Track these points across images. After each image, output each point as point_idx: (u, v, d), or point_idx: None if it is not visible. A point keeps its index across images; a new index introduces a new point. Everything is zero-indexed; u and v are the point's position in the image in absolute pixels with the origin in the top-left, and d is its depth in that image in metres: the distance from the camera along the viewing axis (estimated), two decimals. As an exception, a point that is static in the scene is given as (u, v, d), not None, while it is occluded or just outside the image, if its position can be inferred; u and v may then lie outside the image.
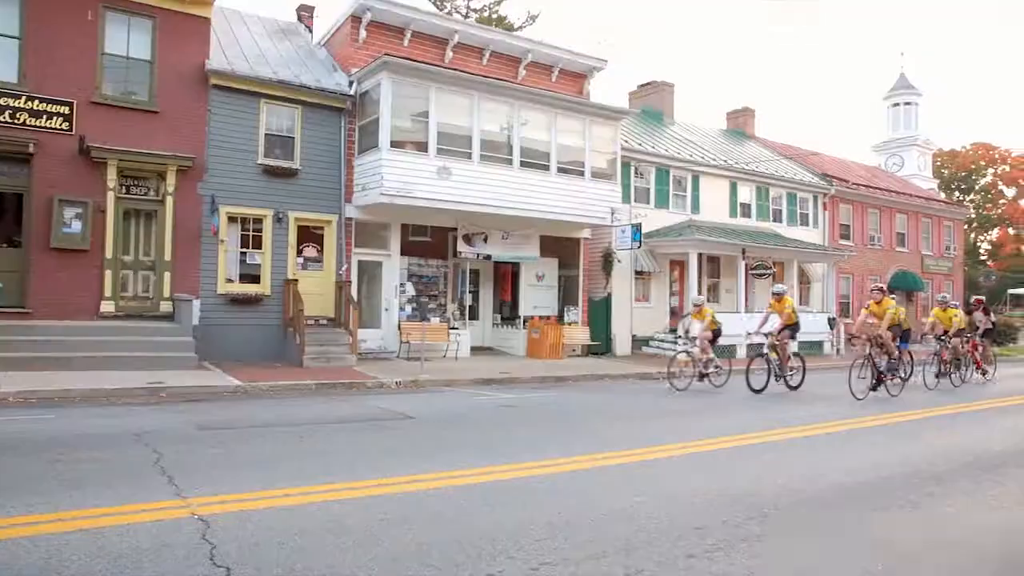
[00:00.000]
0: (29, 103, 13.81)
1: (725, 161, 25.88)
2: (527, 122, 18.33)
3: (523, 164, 18.11)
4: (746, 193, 26.25)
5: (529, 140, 18.35)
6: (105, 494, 5.15)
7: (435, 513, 4.91)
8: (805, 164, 29.86)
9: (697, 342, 13.96)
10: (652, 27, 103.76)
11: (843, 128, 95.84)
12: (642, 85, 30.29)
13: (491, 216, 17.93)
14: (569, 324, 20.43)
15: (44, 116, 13.95)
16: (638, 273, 22.45)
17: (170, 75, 15.22)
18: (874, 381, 12.42)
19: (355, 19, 17.66)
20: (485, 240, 18.79)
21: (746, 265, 23.38)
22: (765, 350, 13.46)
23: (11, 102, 13.67)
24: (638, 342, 22.31)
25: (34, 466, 5.97)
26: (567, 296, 21.09)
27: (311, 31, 20.80)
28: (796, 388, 13.41)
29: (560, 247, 20.79)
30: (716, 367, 13.75)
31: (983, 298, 17.87)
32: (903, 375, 13.37)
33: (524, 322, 19.81)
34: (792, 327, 13.66)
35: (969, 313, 17.37)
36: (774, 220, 27.00)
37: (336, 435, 7.81)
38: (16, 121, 13.69)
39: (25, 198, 13.99)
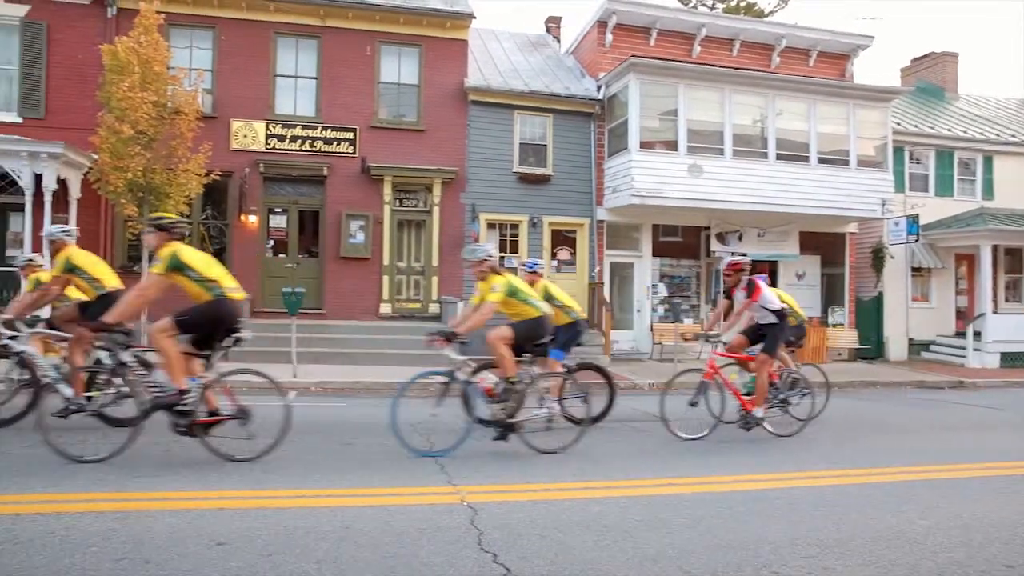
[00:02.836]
0: (323, 132, 15.91)
1: (1027, 137, 22.26)
2: (782, 112, 17.27)
3: (779, 157, 17.09)
4: (1056, 173, 22.34)
5: (785, 131, 17.27)
6: (388, 476, 5.75)
7: (693, 518, 4.80)
8: None
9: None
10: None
11: None
12: (916, 59, 27.03)
13: (746, 213, 17.16)
14: (833, 326, 18.91)
15: (334, 143, 15.97)
16: (915, 270, 20.10)
17: (433, 95, 16.62)
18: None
19: (601, 24, 17.91)
20: (740, 238, 18.03)
21: (1057, 258, 19.93)
22: None
23: (311, 133, 15.85)
24: (916, 346, 19.95)
25: (331, 446, 6.84)
26: (830, 296, 19.53)
27: (559, 41, 21.54)
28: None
29: (822, 243, 19.29)
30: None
31: (740, 261, 8.45)
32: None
33: (783, 324, 18.66)
34: None
35: (728, 296, 8.52)
36: (1096, 203, 22.66)
37: (592, 435, 7.93)
38: (314, 149, 15.86)
39: (320, 214, 16.12)
